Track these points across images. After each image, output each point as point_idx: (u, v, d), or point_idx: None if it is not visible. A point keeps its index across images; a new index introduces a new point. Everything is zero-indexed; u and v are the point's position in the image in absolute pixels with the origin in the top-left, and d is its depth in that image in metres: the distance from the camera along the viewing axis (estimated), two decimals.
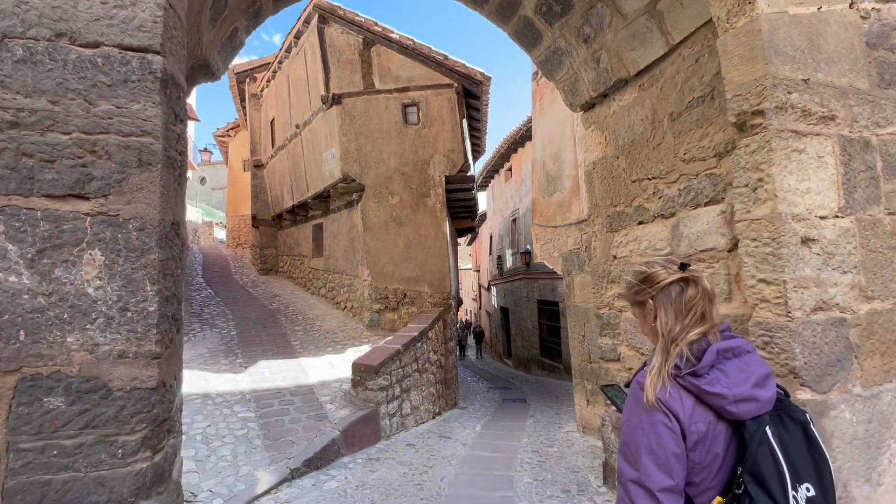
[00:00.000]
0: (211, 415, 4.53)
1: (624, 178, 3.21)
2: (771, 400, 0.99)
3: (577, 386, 5.64)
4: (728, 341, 1.04)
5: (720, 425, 0.97)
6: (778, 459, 0.92)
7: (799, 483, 0.92)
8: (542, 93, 6.67)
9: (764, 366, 1.04)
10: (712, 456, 0.97)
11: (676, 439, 0.94)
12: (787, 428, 0.98)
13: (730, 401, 0.95)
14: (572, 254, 5.63)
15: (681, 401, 0.96)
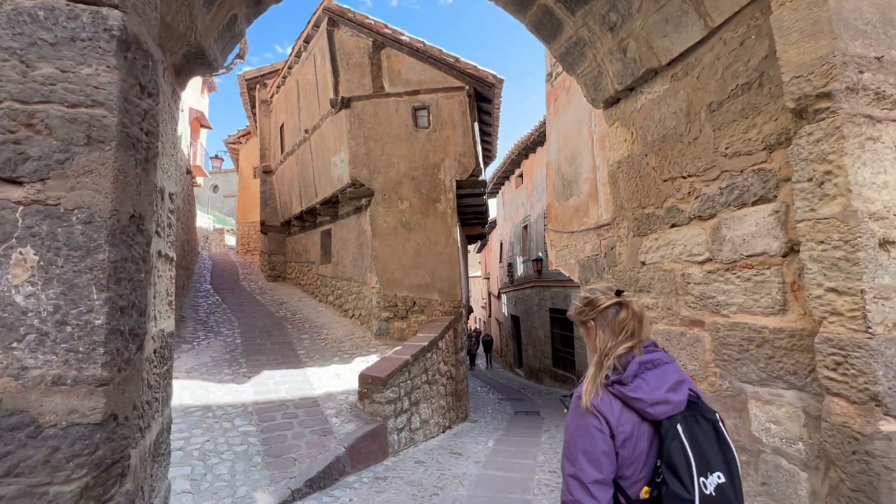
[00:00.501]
0: (210, 428, 4.31)
1: (654, 178, 2.94)
2: (682, 402, 1.16)
3: None
4: (649, 355, 1.22)
5: (644, 426, 1.14)
6: (686, 452, 1.08)
7: (710, 472, 1.08)
8: (556, 94, 6.43)
9: (678, 374, 1.22)
10: (638, 452, 1.13)
11: (605, 439, 1.12)
12: (700, 425, 1.14)
13: (648, 404, 1.13)
14: (590, 260, 5.35)
15: (610, 405, 1.14)
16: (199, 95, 19.71)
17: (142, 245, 1.06)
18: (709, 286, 2.47)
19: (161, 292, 2.26)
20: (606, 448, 1.12)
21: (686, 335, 2.65)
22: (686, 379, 1.25)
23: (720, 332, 2.39)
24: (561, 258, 6.13)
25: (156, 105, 1.13)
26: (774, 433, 2.08)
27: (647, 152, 2.99)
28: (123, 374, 1.08)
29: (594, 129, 5.31)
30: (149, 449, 1.94)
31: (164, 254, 2.28)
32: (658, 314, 2.91)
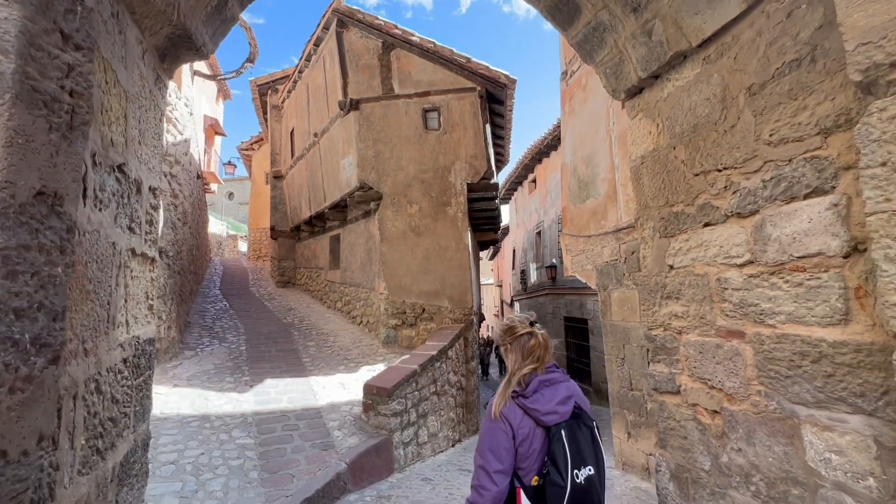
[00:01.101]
0: (207, 440, 4.10)
1: (683, 172, 2.66)
2: (568, 412, 1.50)
3: (616, 416, 4.98)
4: (548, 375, 1.57)
5: (538, 429, 1.47)
6: (564, 450, 1.41)
7: (583, 465, 1.43)
8: (571, 93, 6.18)
9: (568, 391, 1.55)
10: (532, 449, 1.46)
11: (508, 439, 1.45)
12: (581, 430, 1.49)
13: (542, 413, 1.47)
14: (609, 266, 5.04)
15: (514, 413, 1.48)
16: (214, 103, 19.94)
17: (58, 232, 0.85)
18: (750, 292, 2.18)
19: (136, 295, 2.05)
20: (508, 446, 1.45)
21: (723, 348, 2.35)
22: (574, 395, 1.60)
23: (765, 345, 2.09)
24: (577, 264, 5.83)
25: (87, 62, 0.93)
26: (836, 465, 1.77)
27: (675, 144, 2.72)
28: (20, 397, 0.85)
29: (612, 126, 5.04)
30: (111, 473, 1.71)
31: (141, 252, 2.07)
32: (689, 323, 2.61)
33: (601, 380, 10.14)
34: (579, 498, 1.40)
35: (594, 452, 1.50)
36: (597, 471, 1.48)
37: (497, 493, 1.40)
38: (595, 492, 1.45)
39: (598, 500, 1.48)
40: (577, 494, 1.39)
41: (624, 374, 4.76)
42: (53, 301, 0.85)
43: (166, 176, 6.95)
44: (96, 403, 1.55)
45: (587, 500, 1.42)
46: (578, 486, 1.40)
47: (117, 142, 1.69)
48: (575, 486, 1.39)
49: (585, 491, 1.41)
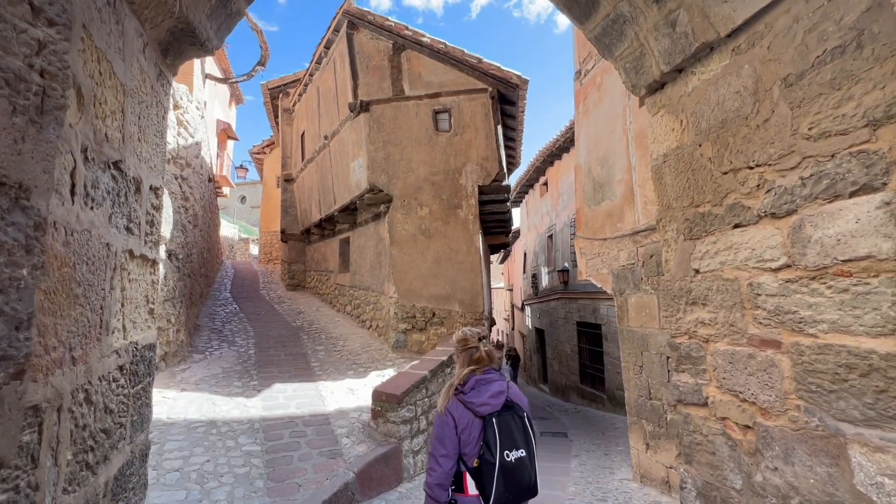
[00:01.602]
0: (213, 447, 4.02)
1: (710, 170, 2.51)
2: (500, 405, 1.81)
3: (633, 426, 4.79)
4: (484, 375, 1.90)
5: (476, 420, 1.78)
6: (495, 434, 1.72)
7: (515, 448, 1.73)
8: (585, 93, 6.03)
9: (500, 388, 1.87)
10: (472, 437, 1.77)
11: (451, 429, 1.77)
12: (513, 420, 1.80)
13: (477, 405, 1.80)
14: (625, 270, 4.87)
15: (456, 407, 1.81)
16: (227, 108, 20.14)
17: (22, 228, 0.75)
18: (787, 298, 2.02)
19: (135, 298, 1.96)
20: (451, 434, 1.75)
21: (756, 358, 2.19)
22: (505, 391, 1.86)
23: (805, 356, 1.93)
24: (592, 268, 5.67)
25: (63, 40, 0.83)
26: (891, 490, 1.60)
27: (700, 141, 2.57)
28: None
29: (629, 126, 4.88)
30: (104, 489, 1.61)
31: (140, 254, 1.98)
32: (717, 331, 2.45)
33: (615, 387, 9.90)
34: (510, 475, 1.71)
35: (525, 438, 1.80)
36: (528, 453, 1.79)
37: (442, 473, 1.75)
38: (525, 470, 1.76)
39: (528, 478, 1.77)
40: (507, 471, 1.71)
41: (642, 383, 4.57)
42: (16, 307, 0.75)
43: (177, 178, 6.94)
44: (86, 415, 1.46)
45: (517, 476, 1.73)
46: (509, 464, 1.72)
47: (113, 137, 1.60)
48: (505, 464, 1.71)
49: (516, 469, 1.73)
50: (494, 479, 1.67)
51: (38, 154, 0.79)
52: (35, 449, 1.11)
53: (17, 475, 1.02)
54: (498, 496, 1.68)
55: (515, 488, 1.70)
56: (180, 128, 7.03)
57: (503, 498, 1.69)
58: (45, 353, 1.15)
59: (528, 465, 1.76)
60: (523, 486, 1.73)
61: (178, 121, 6.96)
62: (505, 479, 1.69)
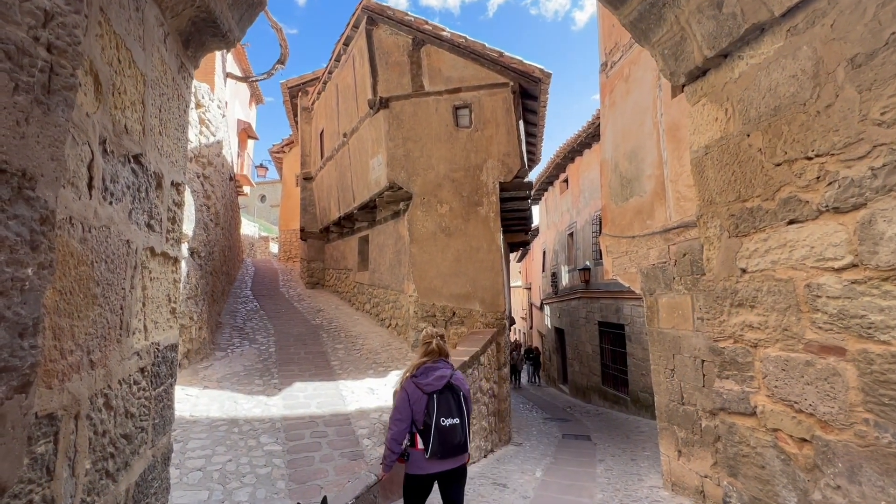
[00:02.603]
0: (234, 446, 3.99)
1: (760, 162, 2.34)
2: (441, 385, 2.45)
3: (664, 431, 4.60)
4: (433, 364, 2.55)
5: (424, 396, 2.43)
6: (433, 406, 2.38)
7: (450, 417, 2.39)
8: (612, 85, 5.82)
9: (445, 372, 2.52)
10: (420, 408, 2.42)
11: (405, 401, 2.44)
12: (451, 395, 2.46)
13: (423, 384, 2.45)
14: (656, 269, 4.68)
15: (410, 385, 2.49)
16: (247, 107, 20.39)
17: (27, 222, 0.66)
18: (853, 301, 1.84)
19: (156, 298, 1.90)
20: (405, 406, 2.44)
21: (815, 366, 2.01)
22: (447, 375, 2.51)
23: (874, 366, 1.75)
24: (619, 266, 5.47)
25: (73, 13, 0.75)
26: None
27: (749, 131, 2.39)
28: None
29: (660, 118, 4.67)
30: (125, 496, 1.55)
31: (162, 252, 1.92)
32: (768, 336, 2.28)
33: (639, 388, 9.64)
34: (443, 435, 2.39)
35: (459, 410, 2.46)
36: (461, 421, 2.46)
37: (398, 432, 2.46)
38: (456, 433, 2.43)
39: (458, 438, 2.44)
40: (442, 432, 2.38)
41: (673, 387, 4.38)
42: (19, 312, 0.66)
43: (199, 177, 6.99)
44: (105, 421, 1.39)
45: (449, 436, 2.40)
46: (443, 427, 2.39)
47: (133, 129, 1.53)
48: (440, 427, 2.38)
49: (449, 431, 2.40)
50: (431, 436, 2.39)
51: (44, 139, 0.71)
52: (50, 460, 1.04)
53: (30, 489, 0.95)
54: (434, 449, 2.39)
55: (447, 445, 2.40)
56: (202, 126, 7.07)
57: (438, 450, 2.39)
58: (60, 358, 1.08)
59: (460, 429, 2.45)
60: (454, 444, 2.43)
61: (200, 119, 7.01)
62: (440, 437, 2.39)
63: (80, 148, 1.11)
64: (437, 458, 2.40)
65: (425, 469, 2.46)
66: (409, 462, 2.52)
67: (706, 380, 4.04)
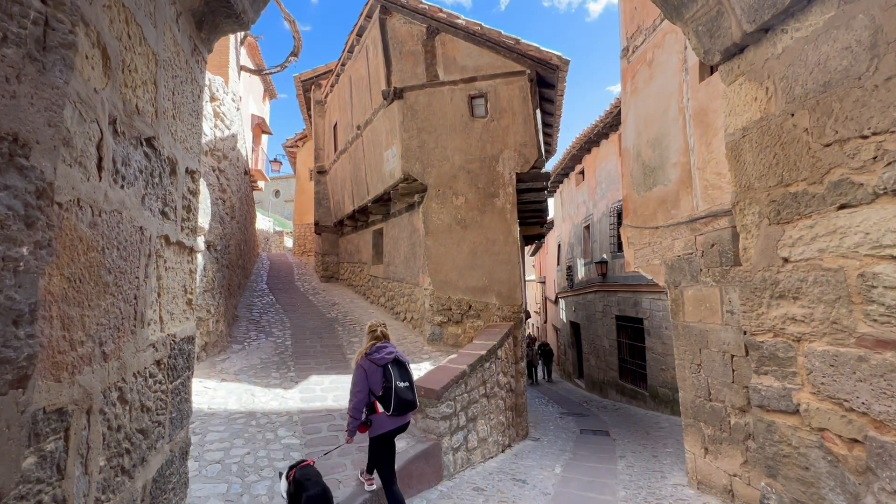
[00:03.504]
0: (252, 439, 3.98)
1: (806, 142, 2.18)
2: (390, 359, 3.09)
3: (689, 428, 4.46)
4: (380, 345, 3.15)
5: (378, 369, 3.05)
6: (389, 374, 3.03)
7: (403, 380, 3.06)
8: (634, 70, 5.61)
9: (389, 350, 3.13)
10: (377, 378, 3.03)
11: (362, 374, 3.04)
12: (399, 366, 3.13)
13: (376, 359, 3.07)
14: (681, 261, 4.51)
15: (365, 362, 3.08)
16: (261, 102, 20.48)
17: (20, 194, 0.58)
18: None
19: (172, 288, 1.84)
20: (362, 379, 3.02)
21: (868, 361, 1.87)
22: (394, 353, 3.15)
23: None
24: (641, 258, 5.30)
25: None
26: None
27: (793, 110, 2.23)
28: None
29: (686, 103, 4.48)
30: (142, 493, 1.49)
31: (177, 241, 1.85)
32: (813, 329, 2.13)
33: (658, 383, 9.45)
34: (400, 395, 2.96)
35: (407, 376, 3.10)
36: (410, 384, 3.07)
37: (358, 402, 3.01)
38: (409, 392, 3.03)
39: (411, 396, 3.03)
40: (399, 392, 2.96)
41: (700, 383, 4.23)
42: (12, 296, 0.59)
43: (215, 171, 6.99)
44: (120, 415, 1.33)
45: (405, 396, 2.99)
46: (400, 388, 2.98)
47: (145, 111, 1.46)
48: (398, 389, 2.98)
49: (404, 391, 2.99)
50: (392, 397, 2.97)
51: (39, 101, 0.62)
52: (61, 458, 0.97)
53: (39, 490, 0.88)
54: (395, 406, 2.97)
55: (404, 403, 2.99)
56: (217, 119, 7.06)
57: (398, 408, 2.98)
58: (70, 349, 1.01)
59: (410, 390, 3.06)
60: (408, 401, 3.01)
61: (215, 112, 6.99)
62: (398, 398, 2.97)
63: (87, 126, 1.03)
64: (397, 414, 3.04)
65: (387, 427, 3.07)
66: (374, 426, 3.07)
67: (736, 375, 3.88)
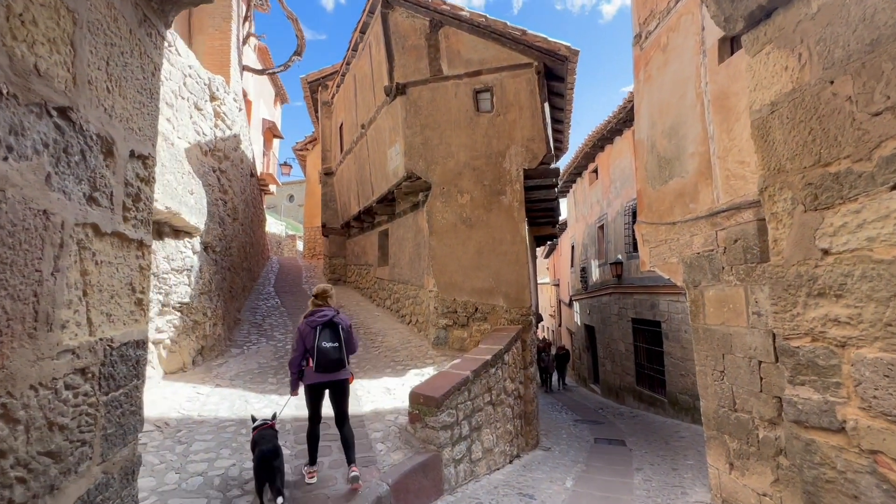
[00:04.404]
0: (241, 448, 3.77)
1: (848, 113, 1.86)
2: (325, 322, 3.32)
3: (713, 440, 4.10)
4: (319, 308, 3.41)
5: (312, 330, 3.30)
6: (318, 334, 3.27)
7: (328, 341, 3.26)
8: (647, 57, 5.29)
9: (324, 314, 3.35)
10: (310, 339, 3.28)
11: (300, 335, 3.34)
12: (331, 328, 3.32)
13: (312, 321, 3.33)
14: (701, 258, 4.17)
15: (302, 324, 3.37)
16: (272, 107, 20.59)
17: None
18: None
19: (109, 286, 1.61)
20: (299, 338, 3.33)
21: None
22: (329, 315, 3.35)
23: None
24: (657, 256, 4.96)
25: None
26: None
27: (832, 77, 1.91)
28: None
29: (705, 87, 4.15)
30: None
31: (114, 232, 1.62)
32: (861, 332, 1.81)
33: (678, 390, 9.00)
34: (322, 354, 3.22)
35: (336, 338, 3.29)
36: (338, 344, 3.29)
37: (293, 358, 3.36)
38: (334, 352, 3.26)
39: (335, 356, 3.26)
40: (321, 352, 3.22)
41: (724, 391, 3.87)
42: None
43: (215, 171, 6.87)
44: (7, 438, 1.09)
45: (328, 355, 3.24)
46: (323, 348, 3.23)
47: (53, 74, 1.24)
48: (321, 348, 3.23)
49: (329, 351, 3.24)
50: (316, 355, 3.20)
51: None
52: None
53: None
54: (318, 363, 3.21)
55: (326, 360, 3.21)
56: (217, 119, 6.94)
57: (320, 365, 3.21)
58: None
59: (336, 351, 3.25)
60: (331, 359, 3.22)
61: (216, 112, 6.88)
62: (320, 355, 3.19)
63: None
64: (322, 370, 3.27)
65: (314, 379, 3.33)
66: (304, 377, 3.35)
67: (764, 384, 3.52)
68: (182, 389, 4.87)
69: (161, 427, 4.00)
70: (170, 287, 4.97)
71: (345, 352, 3.30)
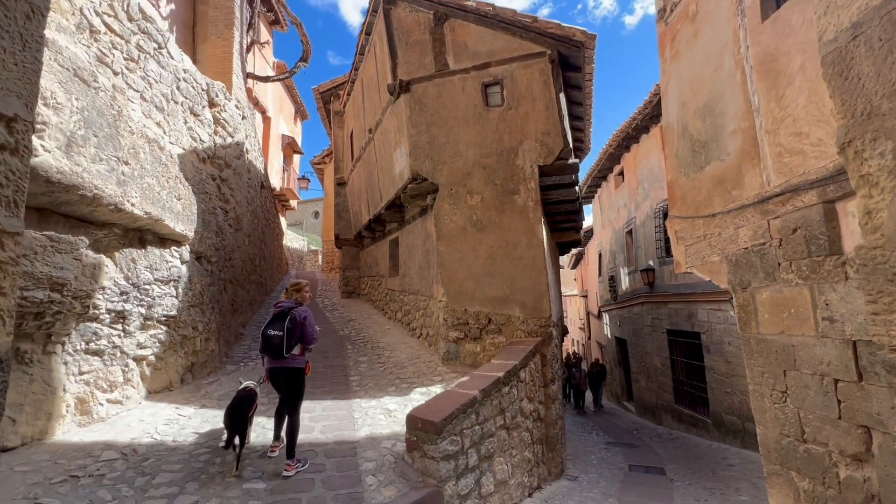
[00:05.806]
0: (209, 482, 3.30)
1: None
2: (277, 311, 3.68)
3: (775, 477, 3.35)
4: (284, 301, 3.79)
5: (267, 318, 3.90)
6: (265, 323, 3.67)
7: (273, 329, 3.57)
8: (674, 32, 4.67)
9: (285, 304, 3.73)
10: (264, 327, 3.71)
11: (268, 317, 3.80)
12: (280, 316, 3.62)
13: (275, 308, 3.75)
14: (750, 254, 3.48)
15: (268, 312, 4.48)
16: (292, 123, 20.78)
17: None
18: None
19: None
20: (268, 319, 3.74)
21: None
22: (285, 306, 3.70)
23: None
24: (694, 256, 4.27)
25: None
26: None
27: None
28: None
29: (746, 52, 3.52)
30: None
31: None
32: None
33: (723, 409, 8.04)
34: (265, 339, 3.57)
35: (283, 326, 3.54)
36: (282, 332, 3.53)
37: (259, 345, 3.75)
38: (275, 339, 3.53)
39: (276, 343, 3.53)
40: (264, 338, 3.58)
41: (787, 416, 3.13)
42: None
43: (215, 179, 6.61)
44: None
45: (269, 342, 3.54)
46: (266, 334, 3.57)
47: None
48: (265, 334, 3.58)
49: (271, 338, 3.55)
50: (261, 339, 3.62)
51: None
52: None
53: None
54: (261, 346, 3.61)
55: (267, 346, 3.56)
56: (217, 126, 6.70)
57: (264, 348, 3.59)
58: None
59: (278, 338, 3.53)
60: (270, 346, 3.54)
61: (215, 119, 6.64)
62: (262, 341, 3.60)
63: None
64: (267, 357, 3.61)
65: (266, 365, 3.67)
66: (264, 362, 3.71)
67: (843, 409, 2.78)
68: (163, 410, 4.47)
69: (128, 455, 3.58)
70: (153, 299, 4.62)
71: (287, 340, 3.50)
